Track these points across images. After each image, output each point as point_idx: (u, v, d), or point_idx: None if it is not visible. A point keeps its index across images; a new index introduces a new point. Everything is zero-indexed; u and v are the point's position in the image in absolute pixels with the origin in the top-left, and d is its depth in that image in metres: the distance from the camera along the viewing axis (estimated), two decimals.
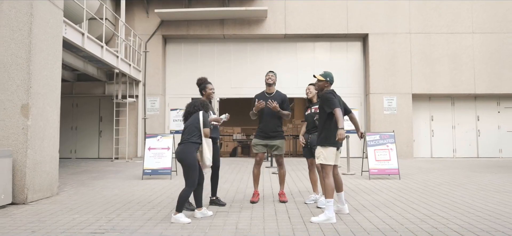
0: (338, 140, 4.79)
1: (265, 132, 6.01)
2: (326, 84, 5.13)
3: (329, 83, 5.12)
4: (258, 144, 6.05)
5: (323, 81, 5.14)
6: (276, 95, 6.17)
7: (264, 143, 6.03)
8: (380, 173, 8.59)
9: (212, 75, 14.98)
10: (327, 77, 5.13)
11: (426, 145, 14.81)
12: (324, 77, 5.15)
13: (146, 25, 14.80)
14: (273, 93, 6.18)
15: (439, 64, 14.46)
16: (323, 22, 14.65)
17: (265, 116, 6.04)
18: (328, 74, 5.17)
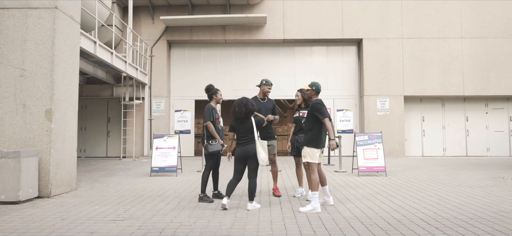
0: (331, 149, 5.60)
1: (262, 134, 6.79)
2: (313, 93, 5.90)
3: (315, 91, 5.89)
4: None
5: (309, 90, 5.92)
6: (268, 102, 6.96)
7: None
8: (368, 170, 9.37)
9: (214, 78, 15.77)
10: (313, 86, 5.90)
11: (418, 144, 15.58)
12: (310, 87, 5.93)
13: (151, 31, 15.61)
14: (266, 99, 6.95)
15: (430, 67, 15.21)
16: (320, 27, 15.41)
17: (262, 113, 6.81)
18: (314, 84, 5.94)
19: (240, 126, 5.69)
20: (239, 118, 5.66)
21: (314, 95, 5.91)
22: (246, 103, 5.65)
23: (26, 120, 6.91)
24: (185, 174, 10.07)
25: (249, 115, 5.67)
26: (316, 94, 5.92)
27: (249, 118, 5.69)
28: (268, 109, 6.85)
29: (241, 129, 5.68)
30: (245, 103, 5.66)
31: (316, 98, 5.87)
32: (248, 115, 5.67)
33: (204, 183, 6.42)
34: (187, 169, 11.19)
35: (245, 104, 5.65)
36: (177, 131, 15.41)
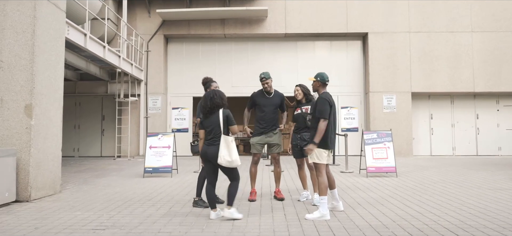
0: (306, 152, 5.08)
1: (265, 127, 6.15)
2: (318, 84, 5.25)
3: (320, 83, 5.23)
4: (258, 143, 6.19)
5: (314, 81, 5.28)
6: (276, 96, 6.31)
7: (264, 141, 6.18)
8: (377, 171, 8.72)
9: (213, 74, 15.11)
10: (317, 77, 5.25)
11: (426, 143, 14.92)
12: (315, 78, 5.28)
13: (148, 25, 14.96)
14: (272, 94, 6.31)
15: (438, 63, 14.55)
16: (323, 21, 14.76)
17: (266, 110, 6.18)
18: (319, 74, 5.29)
19: (206, 121, 4.99)
20: (205, 112, 4.99)
21: (321, 88, 5.26)
22: (212, 96, 4.94)
23: (3, 116, 6.27)
24: (180, 174, 9.43)
25: (214, 109, 4.91)
26: (323, 87, 5.27)
27: (216, 113, 4.91)
28: (273, 105, 6.21)
29: (207, 125, 4.97)
30: (211, 96, 4.95)
31: (323, 91, 5.23)
32: (214, 110, 4.91)
33: (200, 186, 5.78)
34: (183, 169, 10.55)
35: (211, 97, 4.94)
36: (174, 129, 14.80)
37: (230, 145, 4.78)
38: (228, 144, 4.78)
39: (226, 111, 4.92)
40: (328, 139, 5.06)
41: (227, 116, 4.89)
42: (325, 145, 5.05)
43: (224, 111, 4.90)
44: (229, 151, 4.78)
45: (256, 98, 6.34)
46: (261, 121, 6.21)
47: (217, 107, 4.91)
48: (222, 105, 4.93)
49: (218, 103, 4.90)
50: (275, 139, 6.17)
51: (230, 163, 4.75)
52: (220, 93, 4.98)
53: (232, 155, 4.76)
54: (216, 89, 5.04)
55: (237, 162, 4.78)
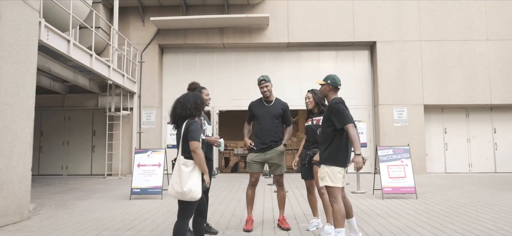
0: (356, 168, 3.99)
1: (263, 142, 5.18)
2: (328, 88, 4.29)
3: (331, 86, 4.28)
4: (254, 161, 5.20)
5: (324, 85, 4.32)
6: (277, 104, 5.35)
7: (262, 159, 5.19)
8: (394, 192, 7.69)
9: (211, 86, 14.19)
10: (327, 80, 4.30)
11: (440, 160, 13.87)
12: (324, 81, 4.32)
13: (142, 34, 14.08)
14: (273, 101, 5.35)
15: (452, 73, 13.59)
16: (328, 29, 13.87)
17: (263, 121, 5.22)
18: (329, 77, 4.34)
19: (176, 138, 3.88)
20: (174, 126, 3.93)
21: (331, 93, 4.31)
22: (174, 105, 3.86)
23: None
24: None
25: (179, 121, 3.82)
26: (334, 91, 4.31)
27: (181, 126, 3.79)
28: (273, 116, 5.24)
29: (177, 143, 3.88)
30: (173, 105, 3.88)
31: (334, 97, 4.27)
32: (179, 122, 3.83)
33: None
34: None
35: (173, 107, 3.86)
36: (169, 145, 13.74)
37: (182, 170, 3.61)
38: (181, 168, 3.63)
39: (190, 123, 3.75)
40: (343, 152, 4.09)
41: (187, 129, 3.70)
42: (341, 161, 4.07)
43: (187, 123, 3.75)
44: (181, 178, 3.60)
45: (254, 107, 5.39)
46: (258, 134, 5.23)
47: (181, 120, 3.83)
48: (186, 115, 3.79)
49: (180, 114, 3.81)
50: (274, 157, 5.18)
51: (181, 195, 3.56)
52: (187, 100, 3.84)
53: (184, 184, 3.54)
54: (187, 94, 4.03)
55: (191, 195, 3.54)
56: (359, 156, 3.94)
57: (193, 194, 3.55)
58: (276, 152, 5.19)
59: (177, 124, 3.85)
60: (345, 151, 4.11)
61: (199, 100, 3.89)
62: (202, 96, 4.02)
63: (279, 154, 5.20)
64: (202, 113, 4.00)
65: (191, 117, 3.81)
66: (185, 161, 3.65)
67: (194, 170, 3.63)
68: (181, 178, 3.59)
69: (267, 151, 5.18)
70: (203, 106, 3.96)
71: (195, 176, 3.62)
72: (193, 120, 3.81)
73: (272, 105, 5.32)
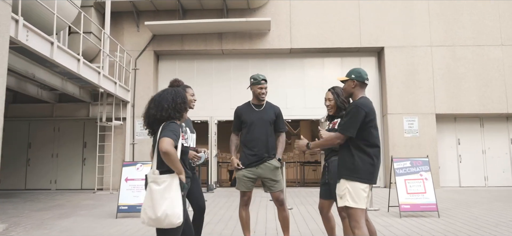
0: (296, 146, 3.59)
1: (256, 154, 4.37)
2: (353, 84, 3.47)
3: (357, 82, 3.46)
4: (245, 177, 4.39)
5: (348, 81, 3.50)
6: (268, 108, 4.56)
7: (255, 174, 4.38)
8: (413, 209, 6.83)
9: (210, 95, 13.44)
10: (351, 74, 3.48)
11: (453, 172, 12.98)
12: (348, 76, 3.51)
13: (136, 40, 13.33)
14: (263, 106, 4.55)
15: (465, 80, 12.80)
16: (333, 35, 13.12)
17: (254, 129, 4.41)
18: (352, 71, 3.52)
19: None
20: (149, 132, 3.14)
21: (358, 90, 3.49)
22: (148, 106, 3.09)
23: None
24: None
25: (154, 125, 3.01)
26: (361, 88, 3.50)
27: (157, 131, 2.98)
28: (265, 122, 4.44)
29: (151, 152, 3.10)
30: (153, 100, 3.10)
31: (361, 96, 3.45)
32: (153, 126, 3.02)
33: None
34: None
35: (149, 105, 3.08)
36: None
37: (153, 190, 2.80)
38: (151, 188, 2.82)
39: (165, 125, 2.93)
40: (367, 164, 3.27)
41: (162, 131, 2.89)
42: (364, 175, 3.24)
43: (162, 127, 2.94)
44: (154, 200, 2.78)
45: (242, 113, 4.57)
46: (248, 144, 4.43)
47: (157, 123, 3.01)
48: (162, 118, 2.99)
49: (154, 116, 3.00)
50: (268, 172, 4.37)
51: (155, 221, 2.78)
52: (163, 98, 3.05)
53: (158, 208, 2.76)
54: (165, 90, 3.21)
55: (169, 221, 2.77)
56: (301, 141, 3.64)
57: (170, 219, 2.75)
58: (269, 167, 4.37)
59: (152, 128, 3.04)
60: (370, 163, 3.28)
61: (180, 99, 3.09)
62: (185, 94, 3.21)
63: (273, 169, 4.38)
64: (184, 116, 3.19)
65: (168, 120, 3.00)
66: (155, 177, 2.85)
67: (169, 187, 2.84)
68: (153, 201, 2.78)
69: (260, 165, 4.37)
70: (185, 107, 3.16)
71: (171, 195, 2.81)
72: (173, 122, 3.01)
73: (263, 110, 4.52)
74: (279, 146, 4.53)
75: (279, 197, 4.41)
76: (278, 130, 4.57)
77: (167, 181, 2.84)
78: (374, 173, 3.30)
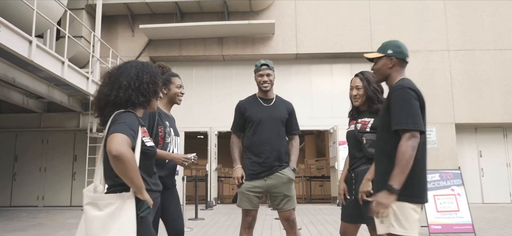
0: (371, 212, 2.30)
1: (264, 162, 3.40)
2: (391, 63, 2.47)
3: (396, 60, 2.46)
4: (250, 191, 3.41)
5: (382, 58, 2.50)
6: (279, 104, 3.60)
7: (262, 188, 3.41)
8: (445, 230, 5.79)
9: (209, 103, 12.50)
10: (387, 49, 2.48)
11: (476, 187, 11.87)
12: (381, 51, 2.51)
13: (131, 46, 12.47)
14: (273, 100, 3.60)
15: (486, 87, 11.80)
16: (342, 39, 12.21)
17: (261, 129, 3.46)
18: (389, 44, 2.51)
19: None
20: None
21: (396, 71, 2.49)
22: (108, 76, 2.16)
23: None
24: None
25: (106, 111, 2.07)
26: (400, 68, 2.50)
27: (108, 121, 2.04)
28: (275, 121, 3.48)
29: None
30: (108, 74, 2.17)
31: (401, 78, 2.46)
32: (105, 112, 2.07)
33: None
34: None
35: (103, 81, 2.15)
36: None
37: (90, 217, 1.88)
38: (86, 212, 1.90)
39: (118, 115, 2.01)
40: (419, 177, 2.28)
41: (112, 123, 1.97)
42: (415, 192, 2.26)
43: (114, 118, 2.00)
44: (89, 231, 1.85)
45: (246, 109, 3.61)
46: (254, 149, 3.47)
47: (110, 109, 2.07)
48: (119, 101, 2.06)
49: (107, 97, 2.07)
50: (280, 185, 3.40)
51: None
52: (123, 71, 2.13)
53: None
54: (128, 62, 2.24)
55: None
56: (388, 194, 2.21)
57: None
58: (282, 178, 3.39)
59: (103, 116, 2.08)
60: (421, 173, 2.29)
61: (148, 76, 2.14)
62: (158, 72, 2.27)
63: (286, 181, 3.40)
64: (152, 105, 2.24)
65: (129, 105, 2.03)
66: (95, 197, 1.89)
67: (117, 214, 1.87)
68: (88, 232, 1.83)
69: (269, 176, 3.38)
70: (155, 90, 2.19)
71: (121, 226, 1.83)
72: (130, 112, 2.05)
73: (273, 106, 3.57)
74: (292, 153, 3.56)
75: (291, 217, 3.41)
76: (291, 132, 3.61)
77: (114, 203, 1.87)
78: (426, 186, 2.31)
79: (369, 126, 3.04)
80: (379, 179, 2.38)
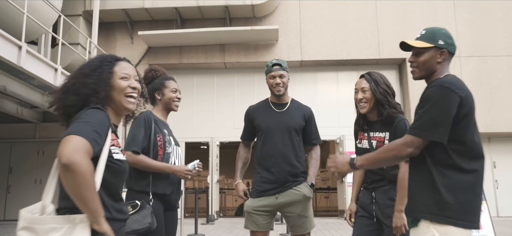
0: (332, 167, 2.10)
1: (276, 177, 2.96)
2: (440, 57, 2.01)
3: (446, 53, 2.00)
4: (258, 211, 2.97)
5: (430, 49, 2.03)
6: (294, 109, 3.16)
7: (273, 206, 2.97)
8: None
9: (211, 113, 12.06)
10: (437, 38, 2.03)
11: (490, 200, 11.26)
12: (430, 41, 2.04)
13: (130, 53, 12.05)
14: (287, 105, 3.16)
15: (499, 94, 11.31)
16: (348, 46, 11.77)
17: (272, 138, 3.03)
18: (438, 32, 2.05)
19: None
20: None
21: (444, 67, 2.03)
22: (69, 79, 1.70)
23: None
24: None
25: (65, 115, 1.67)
26: (448, 63, 2.04)
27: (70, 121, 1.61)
28: (288, 129, 3.04)
29: None
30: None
31: (446, 75, 2.01)
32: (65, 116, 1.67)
33: None
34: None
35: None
36: None
37: None
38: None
39: (83, 112, 1.56)
40: (470, 196, 1.84)
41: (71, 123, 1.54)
42: (466, 215, 1.81)
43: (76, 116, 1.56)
44: None
45: (256, 115, 3.18)
46: (264, 162, 3.03)
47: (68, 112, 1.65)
48: (74, 102, 1.62)
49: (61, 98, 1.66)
50: (295, 203, 2.96)
51: None
52: (85, 67, 1.71)
53: None
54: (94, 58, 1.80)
55: None
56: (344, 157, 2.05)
57: None
58: (296, 195, 2.94)
59: (65, 121, 1.65)
60: (472, 190, 1.83)
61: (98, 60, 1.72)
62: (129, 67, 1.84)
63: (302, 199, 2.95)
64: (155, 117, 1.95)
65: (91, 104, 1.60)
66: (32, 219, 1.46)
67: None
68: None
69: (282, 193, 2.93)
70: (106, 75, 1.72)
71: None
72: (98, 108, 1.60)
73: (286, 111, 3.12)
74: (311, 165, 3.12)
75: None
76: (309, 141, 3.16)
77: (59, 230, 1.41)
78: (479, 208, 1.85)
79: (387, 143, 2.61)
80: (414, 198, 1.93)
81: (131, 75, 1.77)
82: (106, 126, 1.54)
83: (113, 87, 1.69)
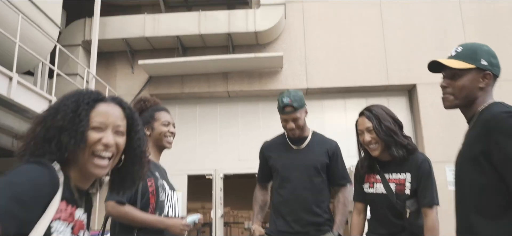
0: None
1: (291, 226, 2.67)
2: (483, 81, 1.60)
3: (491, 75, 1.59)
4: None
5: (472, 71, 1.61)
6: (316, 145, 2.75)
7: None
8: None
9: (214, 143, 11.59)
10: (479, 58, 1.65)
11: None
12: (471, 61, 1.62)
13: (130, 83, 11.74)
14: (306, 141, 2.75)
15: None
16: (356, 72, 11.38)
17: (290, 180, 2.64)
18: (480, 51, 1.67)
19: None
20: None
21: (487, 93, 1.65)
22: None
23: None
24: None
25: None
26: (491, 86, 1.63)
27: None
28: (309, 169, 2.67)
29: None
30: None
31: (493, 102, 1.58)
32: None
33: None
34: None
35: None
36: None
37: None
38: None
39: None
40: None
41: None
42: None
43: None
44: None
45: (271, 153, 2.79)
46: (280, 207, 2.76)
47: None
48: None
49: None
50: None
51: None
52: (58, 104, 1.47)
53: None
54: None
55: None
56: None
57: None
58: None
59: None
60: None
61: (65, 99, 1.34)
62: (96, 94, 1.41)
63: None
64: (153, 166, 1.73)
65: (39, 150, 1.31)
66: None
67: None
68: None
69: (304, 229, 2.49)
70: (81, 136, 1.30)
71: None
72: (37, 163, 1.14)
73: (305, 148, 2.71)
74: (338, 212, 2.71)
75: None
76: (336, 182, 2.74)
77: None
78: None
79: (409, 186, 2.20)
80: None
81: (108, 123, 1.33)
82: (39, 190, 1.07)
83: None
